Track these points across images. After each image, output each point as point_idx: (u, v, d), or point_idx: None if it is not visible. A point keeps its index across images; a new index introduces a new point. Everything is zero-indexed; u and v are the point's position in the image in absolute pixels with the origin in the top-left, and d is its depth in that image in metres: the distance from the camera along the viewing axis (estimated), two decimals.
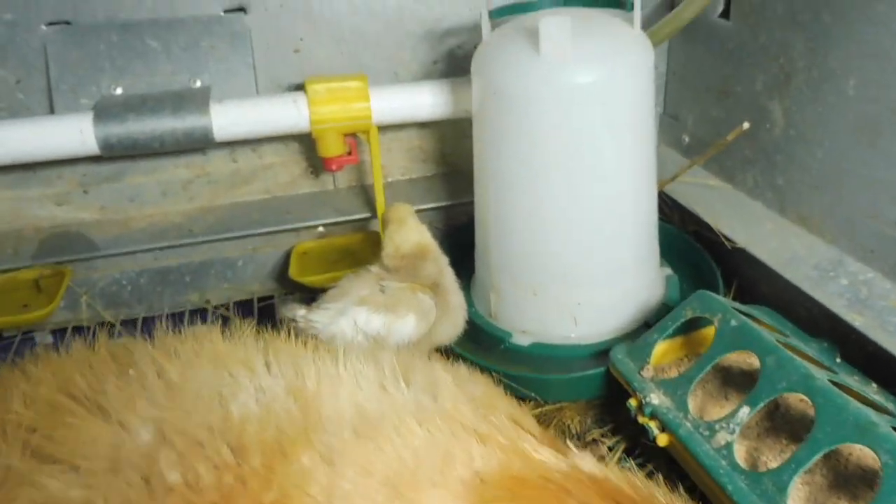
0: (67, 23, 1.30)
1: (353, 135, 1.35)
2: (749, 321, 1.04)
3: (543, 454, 0.78)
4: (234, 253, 1.44)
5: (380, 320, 1.08)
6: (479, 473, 0.72)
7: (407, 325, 1.08)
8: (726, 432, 0.96)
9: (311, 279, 1.35)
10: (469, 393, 0.87)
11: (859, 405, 0.88)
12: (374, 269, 1.16)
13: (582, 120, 1.07)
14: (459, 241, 1.43)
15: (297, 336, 0.93)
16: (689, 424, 0.99)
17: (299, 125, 1.30)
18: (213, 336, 0.88)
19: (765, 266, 1.21)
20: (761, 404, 0.95)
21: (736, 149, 1.37)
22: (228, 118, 1.26)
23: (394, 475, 0.70)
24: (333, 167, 1.36)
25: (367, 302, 1.09)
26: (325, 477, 0.69)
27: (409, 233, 1.15)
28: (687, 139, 1.52)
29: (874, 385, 1.02)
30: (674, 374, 1.13)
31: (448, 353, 1.19)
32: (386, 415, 0.77)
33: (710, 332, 1.13)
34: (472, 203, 1.31)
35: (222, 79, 1.36)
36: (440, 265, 1.16)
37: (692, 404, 1.02)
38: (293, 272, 1.36)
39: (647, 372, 1.10)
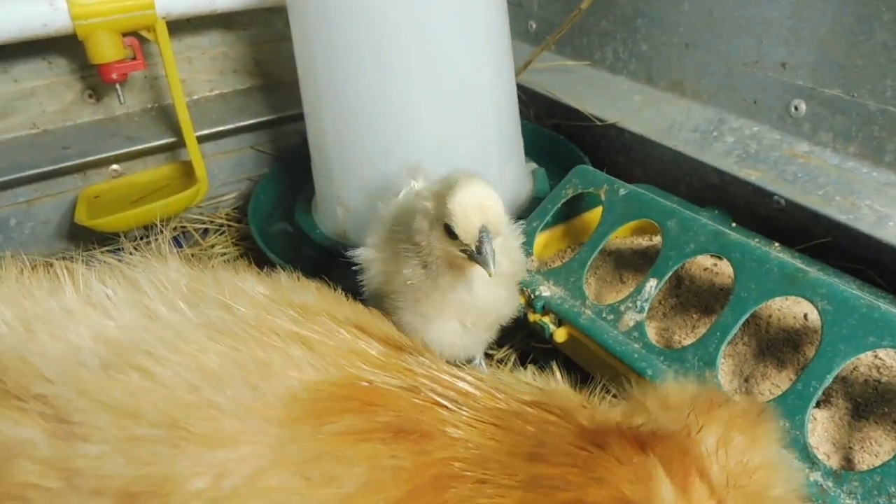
0: None
1: (136, 35, 1.09)
2: (637, 188, 0.90)
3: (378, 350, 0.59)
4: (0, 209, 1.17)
5: None
6: (305, 384, 0.51)
7: None
8: (634, 312, 0.83)
9: (105, 221, 1.10)
10: (294, 302, 0.64)
11: (780, 254, 0.76)
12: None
13: None
14: (295, 165, 1.27)
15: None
16: (589, 312, 0.86)
17: (56, 23, 1.02)
18: None
19: (640, 139, 1.09)
20: (669, 273, 0.83)
21: (590, 23, 1.24)
22: None
23: (177, 409, 0.47)
24: (114, 76, 1.09)
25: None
26: (51, 447, 0.45)
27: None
28: (534, 25, 1.38)
29: (777, 244, 0.90)
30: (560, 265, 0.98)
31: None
32: (160, 339, 0.53)
33: (593, 216, 1.03)
34: (301, 116, 1.12)
35: None
36: None
37: (588, 292, 0.86)
38: (80, 216, 1.11)
39: (531, 264, 0.94)
